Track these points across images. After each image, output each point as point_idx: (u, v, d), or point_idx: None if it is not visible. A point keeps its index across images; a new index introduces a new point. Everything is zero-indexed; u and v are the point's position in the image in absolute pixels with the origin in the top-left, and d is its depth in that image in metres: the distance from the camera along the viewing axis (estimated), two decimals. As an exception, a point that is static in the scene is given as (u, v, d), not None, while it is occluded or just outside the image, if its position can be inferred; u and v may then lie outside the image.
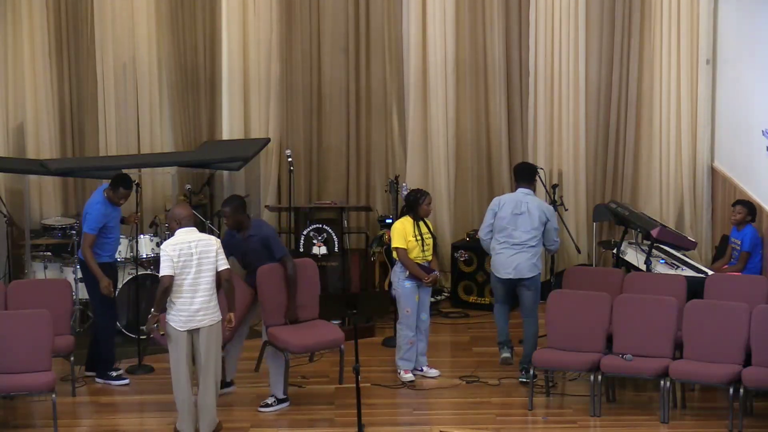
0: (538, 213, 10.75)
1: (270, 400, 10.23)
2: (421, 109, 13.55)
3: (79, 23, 13.29)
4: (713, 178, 13.32)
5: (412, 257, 10.74)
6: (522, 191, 10.90)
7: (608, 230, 13.47)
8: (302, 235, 12.15)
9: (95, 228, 10.65)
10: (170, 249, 9.35)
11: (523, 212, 10.76)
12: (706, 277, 10.87)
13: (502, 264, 10.80)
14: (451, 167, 13.49)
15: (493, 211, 10.89)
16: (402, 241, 10.75)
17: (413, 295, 10.80)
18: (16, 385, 9.72)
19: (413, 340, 10.84)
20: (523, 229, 10.75)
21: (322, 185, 13.66)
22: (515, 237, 10.75)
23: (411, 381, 10.81)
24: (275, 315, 10.23)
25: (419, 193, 10.87)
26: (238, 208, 10.20)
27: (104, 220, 10.69)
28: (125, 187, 10.76)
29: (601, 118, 13.49)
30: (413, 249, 10.74)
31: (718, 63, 13.17)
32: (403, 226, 10.81)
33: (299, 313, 10.29)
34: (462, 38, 13.44)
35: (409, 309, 10.80)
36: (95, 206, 10.73)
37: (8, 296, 10.69)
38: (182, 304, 9.37)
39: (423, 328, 10.91)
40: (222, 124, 13.55)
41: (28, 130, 13.29)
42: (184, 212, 9.51)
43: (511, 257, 10.75)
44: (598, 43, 13.40)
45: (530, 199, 10.86)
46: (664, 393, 9.83)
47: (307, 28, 13.47)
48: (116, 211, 10.88)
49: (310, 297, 10.40)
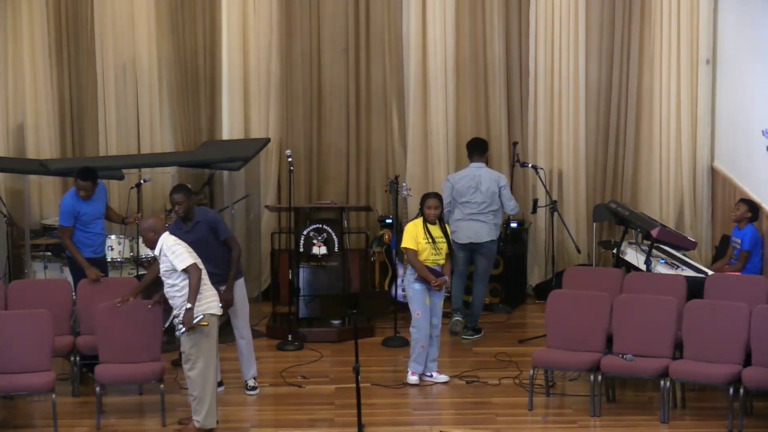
0: (488, 183, 11.94)
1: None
2: (421, 109, 13.55)
3: (79, 23, 13.29)
4: (713, 178, 13.32)
5: (422, 259, 10.72)
6: (474, 165, 12.08)
7: (608, 230, 13.47)
8: (302, 235, 12.15)
9: (66, 220, 10.97)
10: (176, 243, 9.55)
11: (478, 184, 11.94)
12: (706, 277, 10.87)
13: (463, 231, 11.89)
14: (451, 167, 13.47)
15: (450, 186, 11.99)
16: (412, 242, 10.73)
17: (423, 298, 10.77)
18: (16, 385, 9.73)
19: (425, 344, 10.79)
20: (479, 199, 11.91)
21: (322, 185, 13.66)
22: (472, 207, 11.90)
23: (415, 384, 10.80)
24: (110, 352, 10.10)
25: (424, 196, 10.88)
26: (190, 192, 10.33)
27: (73, 213, 10.94)
28: (81, 179, 10.96)
29: (601, 118, 13.49)
30: (424, 251, 10.72)
31: (718, 63, 13.17)
32: (415, 227, 10.79)
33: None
34: (462, 38, 13.44)
35: (419, 312, 10.76)
36: (64, 199, 11.12)
37: (8, 296, 10.70)
38: (210, 289, 9.65)
39: (434, 333, 10.85)
40: (222, 124, 13.55)
41: (28, 130, 13.29)
42: (160, 222, 9.74)
43: (470, 224, 11.90)
44: (598, 43, 13.40)
45: (482, 171, 12.04)
46: (664, 393, 9.83)
47: (307, 28, 13.47)
48: (90, 206, 11.00)
49: (150, 336, 10.15)
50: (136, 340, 10.03)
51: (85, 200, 10.99)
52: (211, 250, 10.18)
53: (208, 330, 9.54)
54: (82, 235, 11.02)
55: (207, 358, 9.56)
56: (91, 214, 11.02)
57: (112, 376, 10.01)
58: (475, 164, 12.07)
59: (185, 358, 9.62)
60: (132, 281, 10.97)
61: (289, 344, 11.75)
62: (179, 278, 9.52)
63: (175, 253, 9.49)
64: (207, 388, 9.57)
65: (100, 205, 11.12)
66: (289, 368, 11.10)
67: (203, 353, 9.54)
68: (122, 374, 10.04)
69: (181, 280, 9.52)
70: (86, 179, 10.96)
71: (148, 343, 10.03)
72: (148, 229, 9.65)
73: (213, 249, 10.22)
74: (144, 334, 10.03)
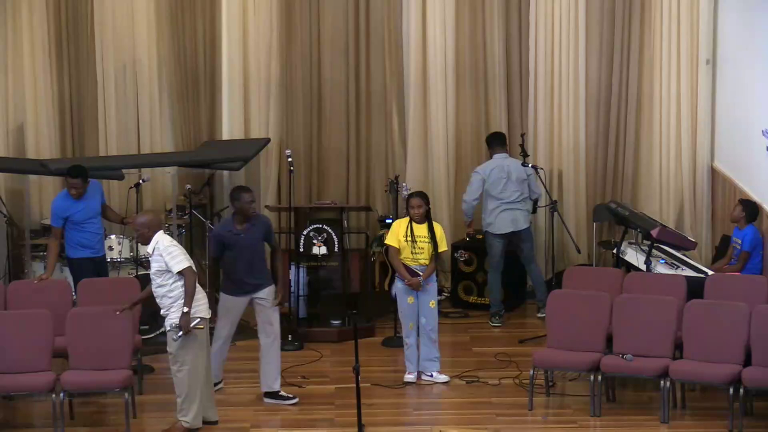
0: (517, 172, 12.42)
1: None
2: (421, 109, 13.55)
3: (79, 23, 13.29)
4: (713, 178, 13.31)
5: (402, 257, 10.74)
6: (499, 156, 12.49)
7: (608, 230, 13.46)
8: (302, 235, 12.14)
9: (56, 221, 11.03)
10: (172, 244, 9.48)
11: (509, 174, 12.39)
12: (706, 277, 10.87)
13: (503, 221, 12.38)
14: (451, 167, 13.49)
15: (482, 179, 12.38)
16: (393, 240, 10.78)
17: (405, 296, 10.79)
18: (16, 385, 9.73)
19: (408, 342, 10.82)
20: (513, 188, 12.36)
21: (322, 185, 13.66)
22: (507, 196, 12.33)
23: (411, 383, 10.80)
24: (79, 359, 9.92)
25: (408, 196, 10.91)
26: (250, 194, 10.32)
27: (63, 213, 10.97)
28: (71, 176, 11.01)
29: (601, 118, 13.49)
30: (403, 249, 10.74)
31: (718, 63, 13.17)
32: (399, 225, 10.81)
33: None
34: (462, 38, 13.44)
35: (402, 309, 10.81)
36: (55, 201, 11.21)
37: (8, 296, 10.70)
38: (200, 291, 9.58)
39: (423, 332, 10.84)
40: (222, 124, 13.55)
41: (28, 130, 13.28)
42: (156, 219, 9.64)
43: (509, 214, 12.35)
44: (598, 44, 13.40)
45: (509, 161, 12.49)
46: (664, 393, 9.83)
47: (307, 28, 13.47)
48: (83, 204, 11.00)
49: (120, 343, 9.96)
50: (105, 347, 9.82)
51: (77, 199, 10.98)
52: (256, 257, 10.18)
53: (202, 330, 9.54)
54: (78, 235, 11.02)
55: (195, 359, 9.54)
56: (84, 212, 11.01)
57: (77, 383, 9.78)
58: (498, 155, 12.49)
59: (173, 360, 9.58)
60: (132, 281, 10.97)
61: (289, 344, 11.75)
62: (170, 279, 9.46)
63: (172, 254, 9.42)
64: (195, 389, 9.55)
65: (94, 204, 11.11)
66: (289, 368, 11.09)
67: (191, 354, 9.52)
68: (89, 381, 9.81)
69: (173, 282, 9.46)
70: (76, 176, 10.97)
71: (117, 350, 9.82)
72: (142, 225, 9.53)
73: (259, 255, 10.21)
74: (113, 342, 9.83)
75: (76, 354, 9.87)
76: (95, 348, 9.81)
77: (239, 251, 10.11)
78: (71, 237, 11.05)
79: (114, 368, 9.77)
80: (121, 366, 9.79)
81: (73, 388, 9.79)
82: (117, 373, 9.74)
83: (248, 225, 10.19)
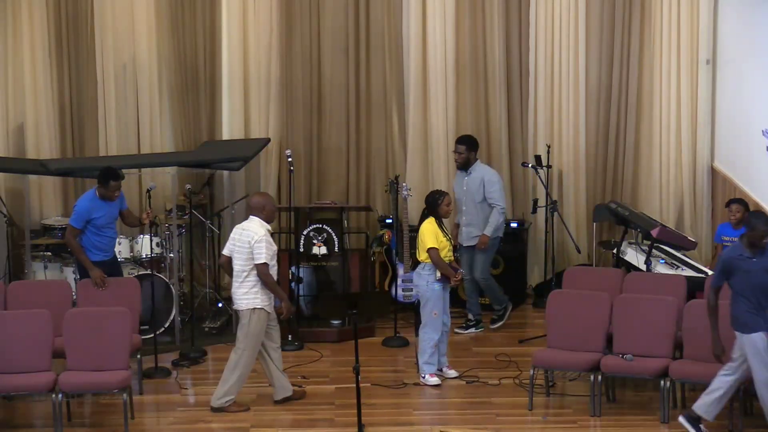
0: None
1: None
2: (421, 109, 13.56)
3: (79, 23, 13.29)
4: (713, 178, 13.32)
5: (442, 256, 10.75)
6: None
7: (608, 230, 13.47)
8: (302, 235, 12.15)
9: (78, 222, 10.87)
10: (264, 239, 9.99)
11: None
12: (706, 277, 10.87)
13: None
14: (451, 167, 13.48)
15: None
16: (435, 242, 10.73)
17: (442, 298, 10.81)
18: (16, 385, 9.73)
19: (437, 343, 10.83)
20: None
21: (322, 185, 13.66)
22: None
23: (437, 385, 10.79)
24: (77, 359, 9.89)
25: (437, 194, 10.89)
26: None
27: (87, 216, 10.85)
28: (114, 179, 10.89)
29: (601, 118, 13.50)
30: (444, 248, 10.75)
31: (718, 63, 13.18)
32: (433, 226, 10.79)
33: None
34: (462, 38, 13.45)
35: (437, 312, 10.79)
36: (82, 202, 11.00)
37: (8, 296, 10.70)
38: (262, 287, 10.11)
39: (445, 330, 10.93)
40: (222, 124, 13.56)
41: (28, 130, 13.29)
42: (261, 200, 10.19)
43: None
44: (598, 44, 13.40)
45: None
46: (664, 393, 9.83)
47: (307, 28, 13.47)
48: (106, 208, 10.94)
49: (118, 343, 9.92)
50: (103, 347, 9.81)
51: (113, 201, 10.92)
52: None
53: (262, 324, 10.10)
54: (95, 238, 10.92)
55: (253, 349, 10.09)
56: (107, 217, 10.96)
57: (74, 384, 9.77)
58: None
59: (237, 345, 10.13)
60: (132, 281, 10.97)
61: (289, 344, 11.75)
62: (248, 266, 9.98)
63: (260, 247, 9.89)
64: (234, 375, 10.07)
65: (115, 210, 11.07)
66: (289, 368, 11.09)
67: (252, 344, 10.08)
68: (86, 382, 9.79)
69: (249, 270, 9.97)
70: (118, 179, 10.92)
71: (115, 351, 9.81)
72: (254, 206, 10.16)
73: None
74: (111, 342, 9.81)
75: (73, 354, 9.87)
76: (93, 348, 9.82)
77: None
78: (89, 240, 10.92)
79: (112, 369, 9.77)
80: (118, 367, 9.79)
81: (70, 389, 9.79)
82: (115, 373, 9.74)
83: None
